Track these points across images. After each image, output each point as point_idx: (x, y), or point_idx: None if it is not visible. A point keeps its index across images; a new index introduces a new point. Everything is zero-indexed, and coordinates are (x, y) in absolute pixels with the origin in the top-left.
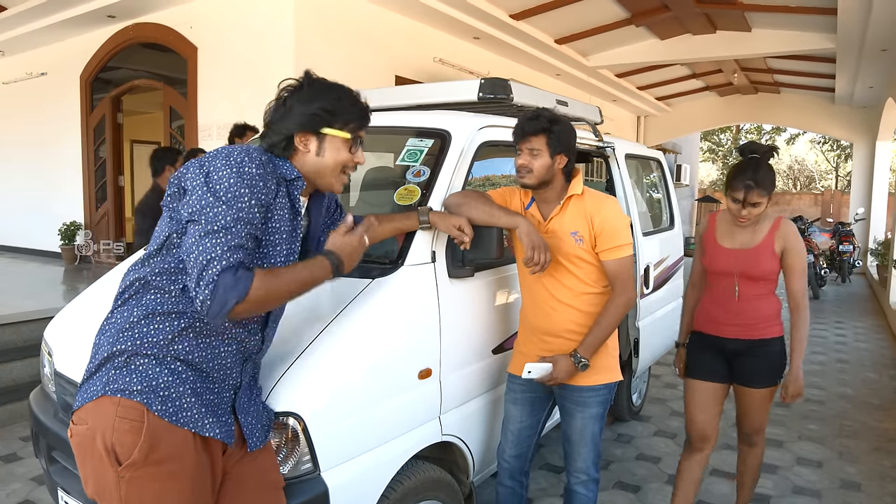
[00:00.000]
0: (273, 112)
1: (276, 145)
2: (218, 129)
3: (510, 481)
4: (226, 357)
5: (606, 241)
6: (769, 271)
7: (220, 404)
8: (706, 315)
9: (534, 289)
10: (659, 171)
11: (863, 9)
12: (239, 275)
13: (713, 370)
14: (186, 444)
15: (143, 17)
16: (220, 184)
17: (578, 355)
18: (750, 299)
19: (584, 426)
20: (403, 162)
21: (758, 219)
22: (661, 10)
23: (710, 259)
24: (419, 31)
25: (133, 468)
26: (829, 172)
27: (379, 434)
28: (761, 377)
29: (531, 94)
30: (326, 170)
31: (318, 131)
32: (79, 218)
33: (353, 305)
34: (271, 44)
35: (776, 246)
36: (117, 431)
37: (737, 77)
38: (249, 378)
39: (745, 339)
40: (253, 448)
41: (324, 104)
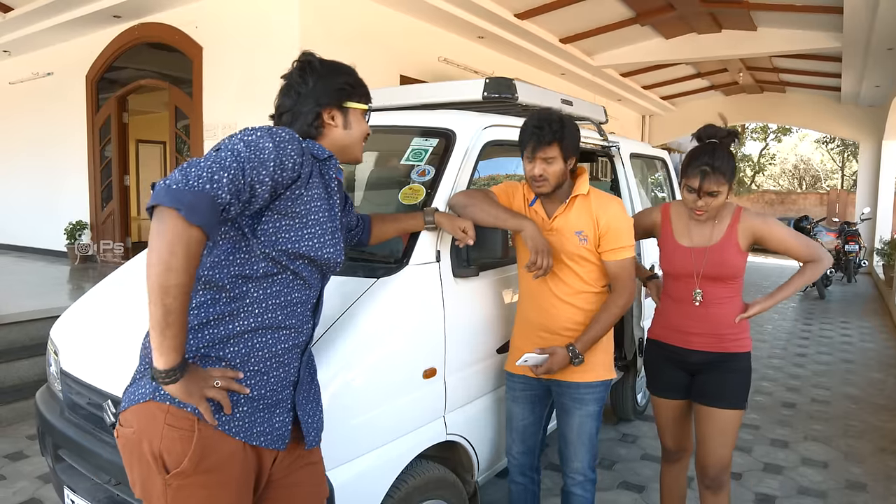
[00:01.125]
0: (292, 94)
1: (310, 125)
2: (223, 129)
3: (521, 478)
4: (283, 353)
5: (611, 241)
6: (735, 270)
7: (278, 405)
8: (665, 322)
9: (534, 285)
10: (664, 170)
11: (869, 7)
12: (190, 198)
13: (675, 386)
14: (236, 453)
15: (149, 17)
16: (248, 136)
17: (575, 350)
18: (714, 303)
19: (581, 424)
20: (408, 161)
21: (716, 212)
22: (667, 10)
23: (666, 259)
24: (424, 30)
25: (182, 477)
26: (835, 172)
27: (384, 433)
28: (727, 396)
29: (536, 94)
30: (354, 141)
31: (343, 105)
32: (84, 217)
33: (358, 305)
34: (276, 43)
35: (741, 240)
36: (166, 439)
37: (742, 76)
38: (307, 372)
39: (710, 352)
40: (310, 446)
41: (346, 78)
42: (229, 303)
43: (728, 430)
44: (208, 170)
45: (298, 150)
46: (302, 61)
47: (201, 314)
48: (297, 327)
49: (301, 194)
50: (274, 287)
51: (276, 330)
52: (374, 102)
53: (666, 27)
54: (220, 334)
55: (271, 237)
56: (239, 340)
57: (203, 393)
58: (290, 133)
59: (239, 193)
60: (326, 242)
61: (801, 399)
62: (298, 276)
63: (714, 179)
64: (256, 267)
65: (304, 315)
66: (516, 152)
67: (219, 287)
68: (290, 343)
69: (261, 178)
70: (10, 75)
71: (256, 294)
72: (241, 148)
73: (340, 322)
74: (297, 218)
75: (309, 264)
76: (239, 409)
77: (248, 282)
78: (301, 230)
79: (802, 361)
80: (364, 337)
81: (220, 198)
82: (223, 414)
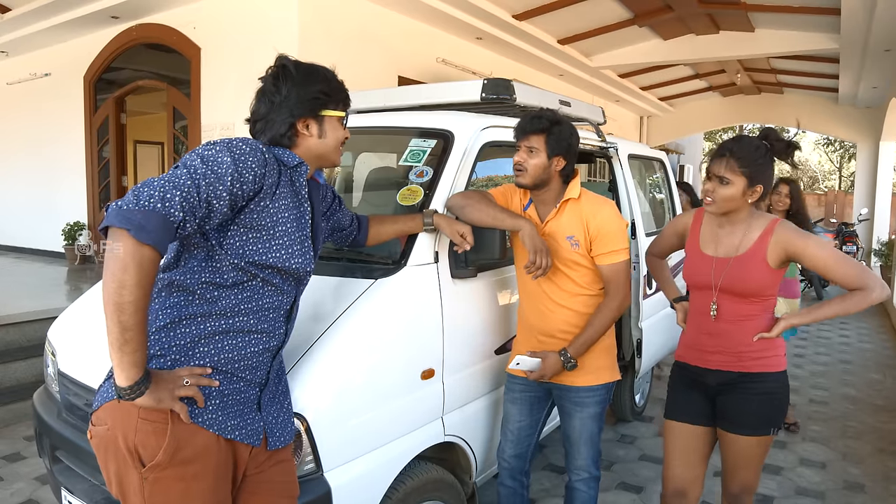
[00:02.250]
0: (266, 102)
1: (283, 136)
2: (221, 130)
3: (511, 481)
4: (252, 357)
5: (602, 245)
6: (758, 287)
7: (246, 403)
8: (686, 340)
9: (531, 290)
10: (662, 171)
11: (866, 9)
12: (138, 218)
13: (693, 410)
14: (210, 445)
15: (147, 18)
16: (206, 151)
17: (568, 354)
18: (733, 320)
19: (582, 426)
20: (406, 162)
21: (727, 206)
22: (665, 11)
23: (687, 268)
24: (422, 31)
25: (158, 469)
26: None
27: (382, 434)
28: (748, 421)
29: (534, 95)
30: (329, 150)
31: (318, 114)
32: (82, 218)
33: (356, 306)
34: (275, 45)
35: (770, 255)
36: (140, 433)
37: (740, 77)
38: (276, 375)
39: (727, 371)
40: (272, 447)
41: (321, 86)
42: (202, 305)
43: (751, 458)
44: (160, 189)
45: (260, 161)
46: (276, 67)
47: (174, 313)
48: (268, 332)
49: (266, 206)
50: (245, 293)
51: (248, 334)
52: (372, 103)
53: (664, 28)
54: (192, 333)
55: (238, 250)
56: (209, 341)
57: (174, 395)
58: (252, 144)
59: (194, 210)
60: (294, 253)
61: (799, 400)
62: (269, 283)
63: (726, 164)
64: (226, 276)
65: (276, 320)
66: (514, 153)
67: (190, 292)
68: (260, 347)
69: (218, 193)
70: (7, 76)
71: (228, 300)
72: (198, 164)
73: (338, 323)
74: (264, 230)
75: (278, 273)
76: (211, 402)
77: (218, 288)
78: (268, 242)
79: (800, 362)
80: (362, 338)
81: (173, 216)
82: (195, 407)
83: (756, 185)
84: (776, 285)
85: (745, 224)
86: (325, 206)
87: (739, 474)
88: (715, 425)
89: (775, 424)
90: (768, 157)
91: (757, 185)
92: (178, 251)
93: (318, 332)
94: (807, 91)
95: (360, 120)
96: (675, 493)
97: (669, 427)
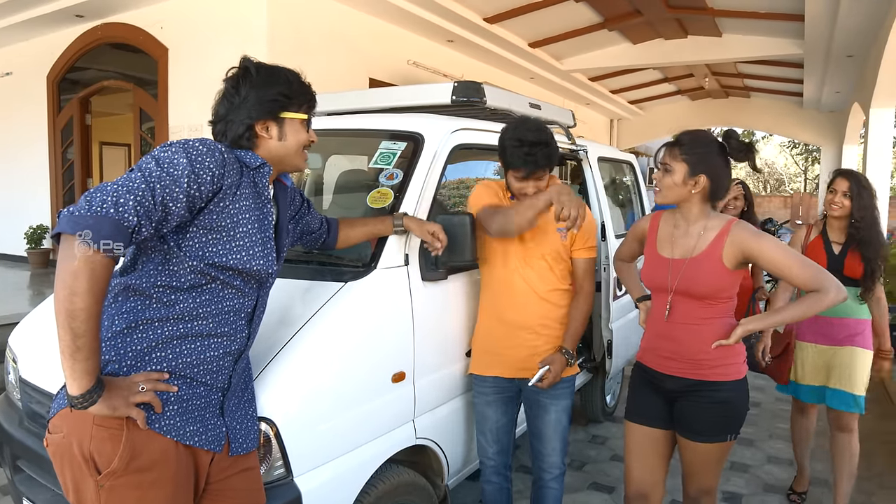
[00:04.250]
0: (225, 103)
1: (241, 137)
2: (189, 131)
3: (496, 477)
4: (212, 361)
5: (583, 240)
6: (714, 288)
7: (207, 408)
8: (644, 342)
9: (510, 282)
10: (631, 174)
11: (829, 16)
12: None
13: (652, 412)
14: (168, 451)
15: (112, 17)
16: (162, 153)
17: (569, 351)
18: (687, 322)
19: (557, 419)
20: (376, 165)
21: (672, 197)
22: (634, 15)
23: (645, 272)
24: (393, 33)
25: (113, 476)
26: (798, 175)
27: (352, 438)
28: (704, 429)
29: (504, 98)
30: (290, 153)
31: (278, 116)
32: (46, 221)
33: (326, 309)
34: (244, 45)
35: (726, 256)
36: (95, 439)
37: (708, 81)
38: (240, 379)
39: (685, 378)
40: (234, 453)
41: (281, 89)
42: (159, 309)
43: (709, 463)
44: (114, 194)
45: (218, 161)
46: (239, 68)
47: (129, 318)
48: (229, 335)
49: (226, 206)
50: (203, 296)
51: (207, 338)
52: (343, 105)
53: (633, 32)
54: (148, 339)
55: (197, 252)
56: (167, 346)
57: (129, 402)
58: (210, 145)
59: (149, 214)
60: (256, 254)
61: (765, 398)
62: (229, 285)
63: (670, 152)
64: (184, 279)
65: (237, 323)
66: (485, 156)
67: (146, 296)
68: (221, 351)
69: (174, 195)
70: None
71: (186, 303)
72: (153, 167)
73: (308, 326)
74: (224, 231)
75: (239, 275)
76: (169, 408)
77: (175, 292)
78: (228, 243)
79: None
80: (332, 341)
81: (126, 220)
82: (153, 413)
83: (698, 175)
84: (733, 288)
85: (700, 224)
86: (294, 209)
87: (697, 478)
88: (673, 429)
89: (732, 431)
90: (720, 152)
91: (699, 174)
92: (134, 254)
93: (287, 335)
94: (773, 95)
95: (331, 122)
96: (636, 496)
97: (629, 428)
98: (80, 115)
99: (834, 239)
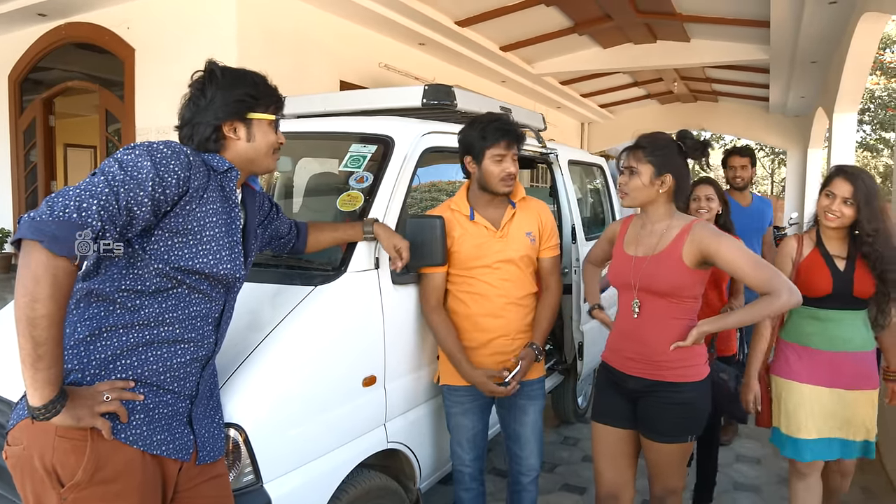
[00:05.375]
0: (191, 106)
1: (208, 139)
2: (157, 133)
3: (473, 483)
4: (179, 368)
5: (548, 239)
6: (675, 285)
7: (174, 416)
8: (609, 342)
9: (485, 292)
10: (602, 177)
11: (793, 22)
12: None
13: (617, 413)
14: (134, 462)
15: (77, 17)
16: (125, 156)
17: (539, 347)
18: (653, 320)
19: (535, 420)
20: (347, 168)
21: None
22: (604, 20)
23: (612, 269)
24: (364, 36)
25: (77, 489)
26: (766, 178)
27: (323, 443)
28: (665, 429)
29: (475, 101)
30: (260, 154)
31: (245, 117)
32: (8, 225)
33: (295, 313)
34: (212, 47)
35: (686, 255)
36: (58, 451)
37: (676, 86)
38: (207, 387)
39: (646, 379)
40: (202, 461)
41: (247, 89)
42: (123, 315)
43: (671, 463)
44: (76, 198)
45: (184, 164)
46: (204, 71)
47: (93, 325)
48: (196, 341)
49: (192, 210)
50: (170, 301)
51: (174, 344)
52: (313, 108)
53: (603, 37)
54: (113, 346)
55: (163, 255)
56: (132, 354)
57: (94, 412)
58: (175, 147)
59: (113, 219)
60: (223, 258)
61: None
62: (196, 289)
63: (634, 155)
64: (149, 283)
65: (204, 328)
66: (455, 159)
67: (110, 301)
68: (188, 357)
69: (138, 199)
70: None
71: (151, 308)
72: (116, 170)
73: (277, 331)
74: (191, 235)
75: (205, 279)
76: (135, 417)
77: (140, 296)
78: (195, 247)
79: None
80: (301, 346)
81: (90, 226)
82: (118, 422)
83: (664, 175)
84: (695, 287)
85: (664, 224)
86: (263, 214)
87: (662, 478)
88: (638, 429)
89: (693, 432)
90: (679, 152)
91: (665, 174)
92: (98, 258)
93: (256, 340)
94: (740, 100)
95: (301, 125)
96: (607, 497)
97: (596, 429)
98: (44, 117)
99: (835, 252)
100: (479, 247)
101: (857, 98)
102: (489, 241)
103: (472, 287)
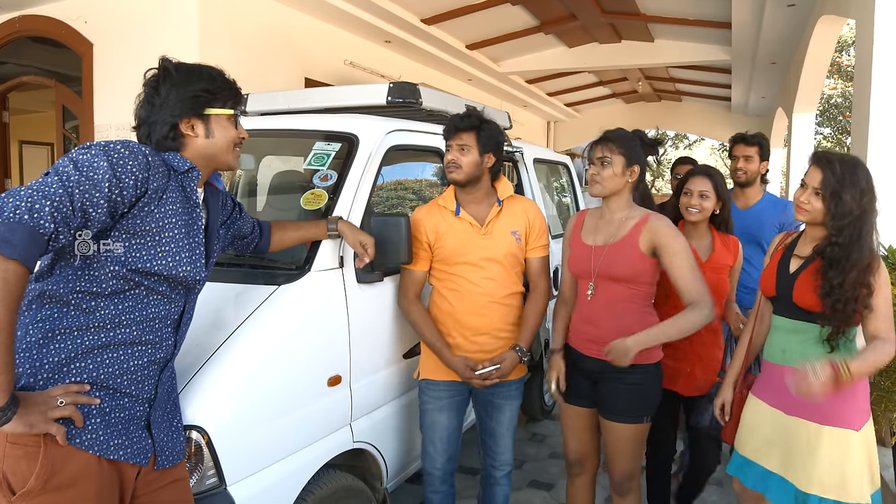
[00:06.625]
0: (146, 105)
1: (165, 138)
2: (117, 131)
3: (443, 485)
4: (137, 371)
5: (536, 239)
6: (632, 272)
7: (132, 420)
8: (572, 325)
9: (467, 288)
10: (567, 175)
11: (754, 24)
12: None
13: (580, 392)
14: (90, 467)
15: (32, 10)
16: (81, 156)
17: (524, 349)
18: (608, 305)
19: (510, 418)
20: (310, 166)
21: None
22: (569, 19)
23: (571, 259)
24: (329, 32)
25: (29, 497)
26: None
27: (288, 444)
28: (620, 409)
29: (440, 99)
30: (220, 150)
31: (202, 113)
32: None
33: (259, 313)
34: (174, 41)
35: (642, 243)
36: (9, 458)
37: (641, 85)
38: (166, 390)
39: (602, 360)
40: (161, 466)
41: (203, 84)
42: (78, 316)
43: (627, 445)
44: (28, 199)
45: (142, 165)
46: (157, 69)
47: (46, 327)
48: (154, 343)
49: (151, 211)
50: (127, 302)
51: (131, 346)
52: (277, 105)
53: (569, 36)
54: (67, 349)
55: (119, 257)
56: (87, 356)
57: (47, 417)
58: (133, 147)
59: (67, 220)
60: (183, 260)
61: None
62: (154, 291)
63: (606, 146)
64: (105, 284)
65: (163, 330)
66: (420, 157)
67: (64, 302)
68: (145, 360)
69: (94, 201)
70: None
71: (107, 310)
72: (71, 170)
73: (240, 331)
74: (149, 236)
75: (164, 281)
76: (91, 421)
77: (96, 298)
78: (153, 248)
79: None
80: (265, 346)
81: (42, 227)
82: (73, 427)
83: (633, 165)
84: (649, 274)
85: (624, 213)
86: (225, 214)
87: (619, 461)
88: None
89: (647, 413)
90: (641, 146)
91: (633, 165)
92: (52, 259)
93: (218, 340)
94: (703, 99)
95: (265, 122)
96: (575, 462)
97: (562, 408)
98: None
99: (798, 252)
100: (463, 243)
101: (815, 98)
102: (473, 237)
103: (456, 284)
